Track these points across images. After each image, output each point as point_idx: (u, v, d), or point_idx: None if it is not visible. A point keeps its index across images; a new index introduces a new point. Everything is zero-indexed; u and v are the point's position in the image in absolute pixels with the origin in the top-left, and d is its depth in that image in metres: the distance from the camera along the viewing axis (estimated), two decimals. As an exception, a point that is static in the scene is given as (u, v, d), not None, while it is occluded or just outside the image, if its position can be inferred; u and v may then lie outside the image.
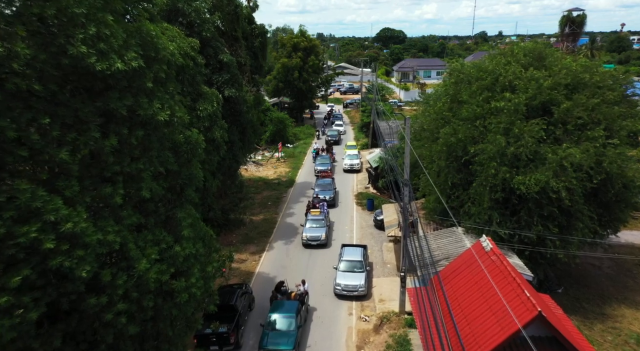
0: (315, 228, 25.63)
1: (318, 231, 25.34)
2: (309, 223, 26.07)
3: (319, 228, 25.58)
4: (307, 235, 25.12)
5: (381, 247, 25.00)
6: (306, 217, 26.92)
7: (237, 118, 24.75)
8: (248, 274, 22.19)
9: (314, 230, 25.47)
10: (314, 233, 25.24)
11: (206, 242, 11.50)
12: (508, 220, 18.70)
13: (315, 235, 25.07)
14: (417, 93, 77.05)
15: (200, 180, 11.65)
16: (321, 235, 25.05)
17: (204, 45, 23.07)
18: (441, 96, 23.19)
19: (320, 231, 25.34)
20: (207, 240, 11.65)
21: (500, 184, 18.24)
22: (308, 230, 25.45)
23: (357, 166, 39.83)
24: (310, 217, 26.57)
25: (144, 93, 9.04)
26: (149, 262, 8.25)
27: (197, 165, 11.66)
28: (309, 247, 25.02)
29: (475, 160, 19.28)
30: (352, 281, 19.89)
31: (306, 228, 25.63)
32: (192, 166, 11.50)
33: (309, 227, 25.73)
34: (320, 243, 24.96)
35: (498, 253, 14.91)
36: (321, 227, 25.72)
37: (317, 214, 26.62)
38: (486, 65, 21.87)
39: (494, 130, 18.88)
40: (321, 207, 27.69)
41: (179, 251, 9.25)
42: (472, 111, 20.09)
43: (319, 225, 25.81)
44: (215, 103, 16.45)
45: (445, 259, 18.14)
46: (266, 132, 48.01)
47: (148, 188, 8.98)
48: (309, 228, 25.63)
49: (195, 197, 11.46)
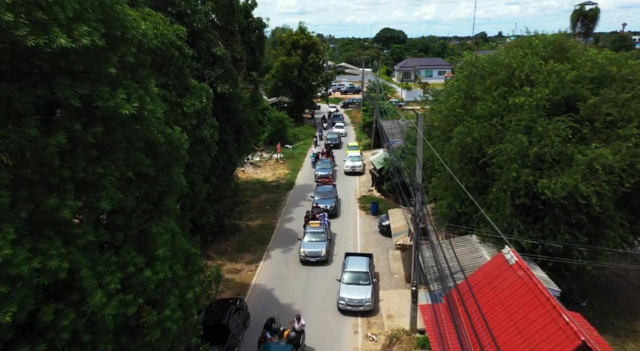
0: (315, 242, 22.77)
1: (317, 246, 22.51)
2: (308, 236, 23.19)
3: (318, 243, 22.71)
4: (305, 251, 22.31)
5: (387, 255, 23.20)
6: (304, 229, 24.08)
7: (231, 116, 22.99)
8: (243, 286, 20.38)
9: (313, 244, 22.64)
10: (313, 248, 22.42)
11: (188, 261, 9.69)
12: (530, 228, 16.92)
13: (315, 251, 22.28)
14: (419, 92, 75.52)
15: (183, 186, 9.85)
16: (321, 251, 22.25)
17: (195, 38, 21.34)
18: (453, 92, 21.40)
19: (320, 246, 22.51)
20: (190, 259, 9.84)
21: (522, 188, 16.47)
22: (306, 245, 22.62)
23: (360, 168, 37.77)
24: (308, 229, 23.74)
25: (105, 81, 7.26)
26: (106, 294, 6.44)
27: (180, 169, 9.88)
28: (307, 264, 22.24)
29: (493, 162, 17.51)
30: (357, 295, 18.08)
31: (304, 243, 22.80)
32: (173, 170, 9.70)
33: (307, 241, 22.90)
34: (320, 259, 22.16)
35: (525, 267, 13.12)
36: (321, 241, 22.86)
37: (316, 226, 23.85)
38: (501, 58, 20.09)
39: (514, 129, 17.12)
40: (321, 218, 24.87)
41: (151, 276, 7.45)
42: (488, 108, 18.33)
43: (319, 239, 22.95)
44: (204, 99, 14.69)
45: (460, 272, 16.34)
46: (264, 132, 46.22)
47: (110, 198, 7.18)
48: (308, 242, 22.79)
49: (176, 207, 9.66)
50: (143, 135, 8.69)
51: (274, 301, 19.14)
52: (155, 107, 8.13)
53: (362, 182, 35.54)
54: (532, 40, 20.51)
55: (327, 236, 23.62)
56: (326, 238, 23.24)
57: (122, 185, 8.21)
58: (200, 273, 10.52)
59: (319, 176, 34.63)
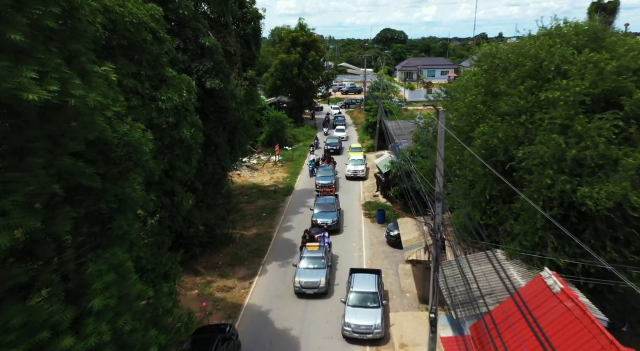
0: (313, 270, 19.04)
1: (316, 274, 18.74)
2: (304, 262, 19.47)
3: (317, 270, 18.98)
4: (300, 280, 18.52)
5: (397, 270, 20.80)
6: (300, 253, 20.43)
7: (223, 115, 20.62)
8: (235, 307, 17.96)
9: (310, 273, 18.84)
10: (310, 277, 18.61)
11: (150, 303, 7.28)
12: (567, 244, 14.52)
13: (312, 281, 18.47)
14: (422, 92, 73.19)
15: (138, 202, 7.46)
16: (319, 281, 18.48)
17: (181, 26, 19.03)
18: (470, 87, 19.02)
19: (319, 275, 18.74)
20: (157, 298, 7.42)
21: (558, 197, 14.10)
22: (302, 273, 18.84)
23: (362, 173, 34.75)
24: (305, 253, 20.00)
25: (6, 52, 4.89)
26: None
27: (137, 179, 7.49)
28: (304, 297, 18.56)
29: (522, 166, 15.14)
30: (365, 321, 15.66)
31: (300, 270, 19.03)
32: (128, 181, 7.33)
33: (303, 267, 19.19)
34: (318, 291, 18.38)
35: (573, 296, 10.73)
36: (320, 268, 19.11)
37: (315, 250, 20.11)
38: (527, 48, 17.71)
39: (547, 128, 14.75)
40: (321, 240, 21.00)
41: (71, 347, 5.03)
42: (515, 104, 15.97)
43: (318, 266, 19.22)
44: (185, 93, 12.36)
45: (488, 295, 13.96)
46: (262, 133, 43.86)
47: (8, 226, 4.79)
48: (304, 270, 19.06)
49: (132, 230, 7.27)
50: (81, 133, 6.31)
51: (268, 326, 16.76)
52: (90, 94, 5.73)
53: (366, 187, 33.12)
54: (562, 28, 18.15)
55: (328, 262, 19.87)
56: (326, 264, 19.46)
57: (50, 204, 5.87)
58: (166, 317, 8.09)
59: (320, 185, 30.56)
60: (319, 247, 20.15)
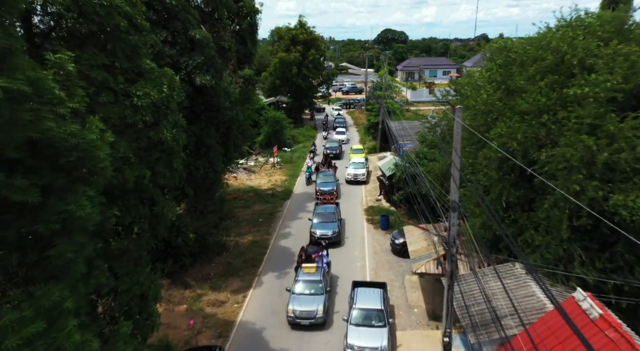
0: (308, 296, 16.43)
1: (312, 302, 16.16)
2: (299, 286, 16.89)
3: (313, 297, 16.36)
4: (294, 309, 15.95)
5: (403, 282, 19.24)
6: (296, 275, 17.90)
7: (214, 115, 19.08)
8: (226, 325, 16.40)
9: (305, 300, 16.24)
10: (306, 305, 16.02)
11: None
12: (596, 258, 12.98)
13: (307, 310, 15.91)
14: (425, 92, 71.67)
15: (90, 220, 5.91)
16: (316, 310, 15.91)
17: (169, 18, 17.51)
18: (484, 84, 17.49)
19: (316, 302, 16.14)
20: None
21: (587, 206, 12.52)
22: (297, 300, 16.22)
23: (363, 177, 32.73)
24: (300, 275, 17.42)
25: None
26: None
27: (88, 192, 5.95)
28: (298, 327, 16.08)
29: (545, 171, 13.60)
30: (369, 342, 14.11)
31: (294, 297, 16.43)
32: (75, 195, 5.79)
33: (298, 293, 16.63)
34: (314, 322, 15.87)
35: (616, 324, 9.17)
36: (317, 294, 16.53)
37: (311, 272, 17.49)
38: (546, 41, 16.19)
39: (573, 128, 13.22)
40: (318, 260, 18.21)
41: None
42: (536, 102, 14.44)
43: (314, 291, 16.64)
44: (165, 88, 10.87)
45: (509, 317, 12.39)
46: (260, 134, 42.33)
47: None
48: (299, 296, 16.44)
49: (80, 259, 5.72)
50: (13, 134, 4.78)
51: (263, 346, 15.21)
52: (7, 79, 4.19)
53: (368, 190, 31.55)
54: (583, 19, 16.62)
55: (326, 286, 17.20)
56: (324, 289, 16.82)
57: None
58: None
59: (321, 192, 28.08)
60: (316, 269, 17.62)
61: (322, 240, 21.65)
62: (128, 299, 10.33)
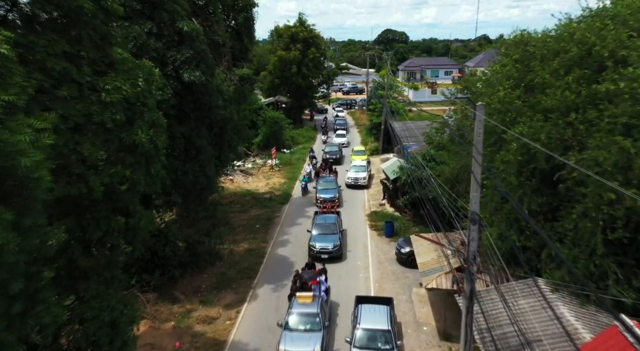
0: (303, 332, 14.01)
1: (307, 341, 13.64)
2: (293, 320, 14.44)
3: (309, 335, 13.89)
4: (285, 349, 13.49)
5: (410, 295, 17.72)
6: (289, 304, 15.44)
7: (205, 113, 17.58)
8: (217, 345, 14.87)
9: (299, 338, 13.73)
10: (300, 345, 13.47)
11: None
12: (632, 276, 11.47)
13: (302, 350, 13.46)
14: (427, 93, 70.19)
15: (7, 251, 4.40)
16: (313, 350, 13.49)
17: (154, 8, 16.03)
18: (501, 80, 15.97)
19: (311, 341, 13.63)
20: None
21: (623, 216, 11.04)
22: (289, 338, 13.74)
23: (364, 181, 30.87)
24: (295, 307, 14.89)
25: None
26: None
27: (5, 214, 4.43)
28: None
29: (573, 177, 12.10)
30: (375, 368, 12.55)
31: (285, 333, 14.00)
32: None
33: (291, 328, 14.22)
34: None
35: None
36: (314, 330, 14.11)
37: (307, 302, 14.95)
38: (570, 32, 14.68)
39: (606, 128, 11.72)
40: (316, 288, 15.68)
41: None
42: (563, 98, 12.93)
43: (310, 327, 14.20)
44: (142, 82, 9.38)
45: (535, 343, 10.87)
46: (258, 134, 40.83)
47: None
48: (291, 333, 13.98)
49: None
50: None
51: (257, 371, 13.70)
52: None
53: (371, 194, 30.02)
54: (609, 9, 15.10)
55: (324, 320, 14.62)
56: (322, 324, 14.35)
57: None
58: None
59: (322, 200, 26.08)
60: (313, 298, 15.09)
61: (322, 254, 19.94)
62: (95, 328, 8.84)
